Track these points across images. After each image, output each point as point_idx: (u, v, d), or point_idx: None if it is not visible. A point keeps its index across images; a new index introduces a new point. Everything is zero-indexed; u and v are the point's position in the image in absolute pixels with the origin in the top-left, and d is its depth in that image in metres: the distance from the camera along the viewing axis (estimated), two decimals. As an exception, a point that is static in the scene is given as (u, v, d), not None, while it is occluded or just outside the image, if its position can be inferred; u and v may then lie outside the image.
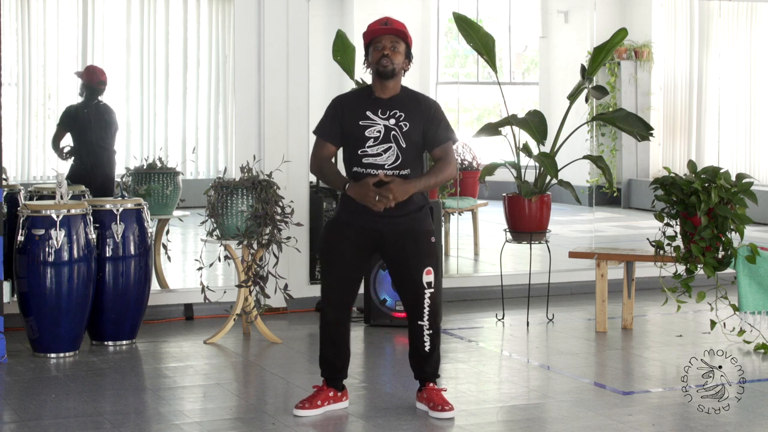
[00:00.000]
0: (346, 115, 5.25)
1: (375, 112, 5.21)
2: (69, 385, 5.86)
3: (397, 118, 5.20)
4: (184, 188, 8.38)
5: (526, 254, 7.90)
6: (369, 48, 5.24)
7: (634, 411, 5.39)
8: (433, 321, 5.22)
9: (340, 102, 5.35)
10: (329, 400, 5.31)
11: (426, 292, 5.19)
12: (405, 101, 5.25)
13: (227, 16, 10.70)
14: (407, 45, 5.24)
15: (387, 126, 5.20)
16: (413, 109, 5.23)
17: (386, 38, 5.19)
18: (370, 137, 5.19)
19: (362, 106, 5.24)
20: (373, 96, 5.25)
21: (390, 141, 5.18)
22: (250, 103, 7.88)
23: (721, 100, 12.04)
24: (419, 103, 5.27)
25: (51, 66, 10.12)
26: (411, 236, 5.22)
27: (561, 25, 12.04)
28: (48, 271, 6.40)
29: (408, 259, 5.21)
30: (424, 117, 5.24)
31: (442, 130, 5.28)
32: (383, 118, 5.20)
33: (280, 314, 7.76)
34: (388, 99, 5.24)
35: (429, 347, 5.24)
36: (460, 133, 10.82)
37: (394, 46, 5.20)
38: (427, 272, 5.19)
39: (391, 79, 5.20)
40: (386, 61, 5.17)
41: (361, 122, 5.21)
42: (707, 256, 6.76)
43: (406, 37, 5.23)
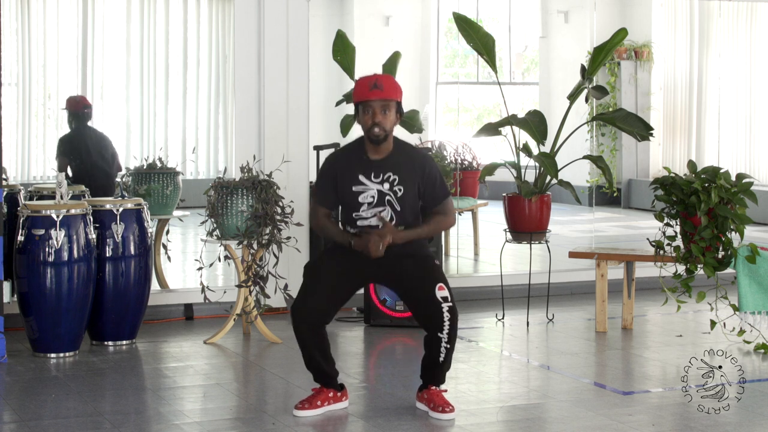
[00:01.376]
0: (339, 180, 5.23)
1: (368, 176, 5.19)
2: (69, 385, 5.86)
3: (390, 182, 5.18)
4: (184, 188, 8.38)
5: (526, 254, 7.90)
6: (358, 106, 5.20)
7: (634, 411, 5.39)
8: (451, 335, 5.17)
9: (333, 165, 5.29)
10: (329, 401, 5.31)
11: (444, 306, 5.12)
12: (398, 162, 5.20)
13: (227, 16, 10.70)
14: (398, 102, 5.19)
15: (381, 191, 5.18)
16: (407, 171, 5.20)
17: (376, 102, 5.13)
18: (363, 203, 5.19)
19: (355, 169, 5.21)
20: (365, 156, 5.22)
21: (384, 205, 5.19)
22: (250, 103, 7.88)
23: (721, 100, 12.04)
24: (412, 164, 5.22)
25: (51, 66, 10.12)
26: (415, 259, 5.23)
27: (561, 25, 12.04)
28: (48, 271, 6.40)
29: (417, 278, 5.19)
30: (418, 178, 5.21)
31: (438, 189, 5.27)
32: (376, 182, 5.19)
33: (280, 314, 7.76)
34: (381, 160, 5.20)
35: (443, 359, 5.23)
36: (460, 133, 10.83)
37: (384, 110, 5.14)
38: (440, 288, 5.14)
39: (383, 142, 5.18)
40: (378, 130, 5.13)
41: (354, 188, 5.19)
42: (707, 256, 6.76)
43: (396, 98, 5.17)
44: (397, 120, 5.22)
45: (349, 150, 5.34)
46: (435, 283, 5.15)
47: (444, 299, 5.13)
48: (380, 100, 5.14)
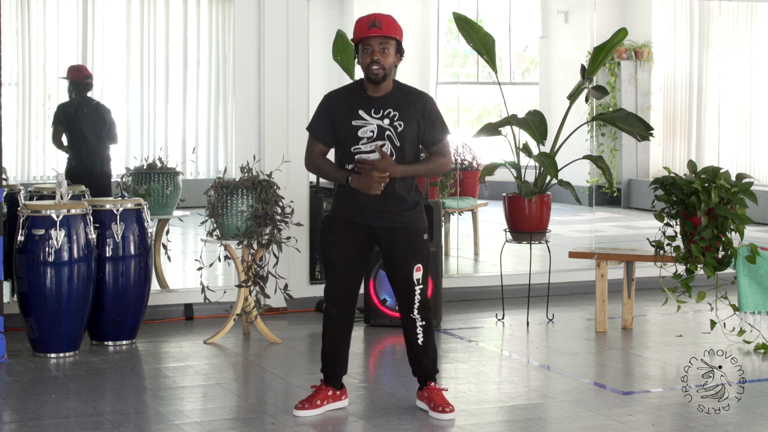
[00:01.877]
0: (338, 114, 5.21)
1: (368, 112, 5.17)
2: (69, 385, 5.86)
3: (390, 117, 5.17)
4: (184, 188, 8.38)
5: (526, 254, 7.90)
6: (358, 46, 5.18)
7: (634, 411, 5.39)
8: (424, 314, 5.23)
9: (331, 100, 5.28)
10: (328, 399, 5.31)
11: (416, 288, 5.20)
12: (398, 99, 5.20)
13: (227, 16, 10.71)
14: (397, 41, 5.18)
15: (381, 126, 5.16)
16: (407, 108, 5.19)
17: (374, 40, 5.12)
18: (363, 137, 5.17)
19: (354, 104, 5.19)
20: (365, 94, 5.21)
21: (384, 140, 5.16)
22: (250, 103, 7.88)
23: (721, 100, 12.04)
24: (413, 101, 5.22)
25: (51, 66, 10.13)
26: (403, 234, 5.22)
27: (561, 25, 12.04)
28: (48, 271, 6.40)
29: (399, 256, 5.21)
30: (418, 115, 5.20)
31: (438, 129, 5.27)
32: (376, 118, 5.17)
33: (280, 314, 7.76)
34: (381, 97, 5.19)
35: (422, 339, 5.24)
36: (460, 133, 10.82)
37: (383, 48, 5.12)
38: (416, 269, 5.20)
39: (383, 82, 5.18)
40: (376, 68, 5.11)
41: (354, 122, 5.17)
42: (707, 256, 6.76)
43: (395, 35, 5.15)
44: (397, 60, 5.20)
45: (348, 88, 5.33)
46: (414, 264, 5.19)
47: (417, 281, 5.19)
48: (379, 38, 5.11)
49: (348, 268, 5.25)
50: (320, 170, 5.33)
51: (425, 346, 5.26)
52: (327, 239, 5.30)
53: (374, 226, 5.21)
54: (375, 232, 5.23)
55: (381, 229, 5.22)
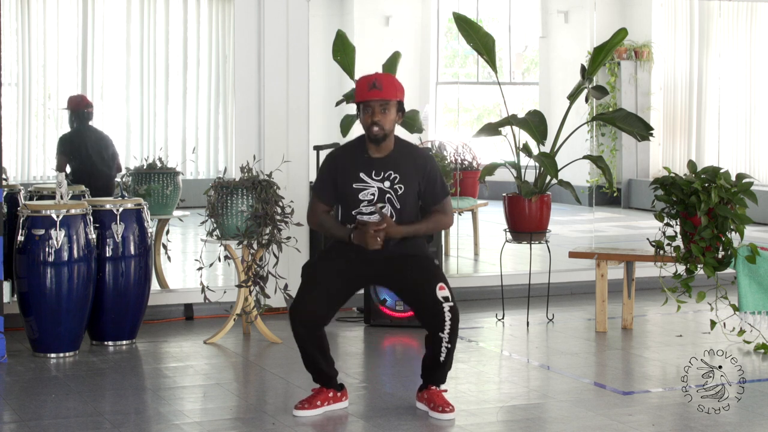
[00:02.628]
0: (340, 176, 5.23)
1: (369, 174, 5.19)
2: (69, 385, 5.86)
3: (391, 180, 5.18)
4: (184, 188, 8.38)
5: (526, 254, 7.90)
6: (359, 105, 5.20)
7: (634, 411, 5.39)
8: (452, 335, 5.15)
9: (334, 161, 5.29)
10: (329, 401, 5.31)
11: (444, 306, 5.10)
12: (399, 160, 5.21)
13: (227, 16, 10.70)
14: (398, 101, 5.19)
15: (381, 189, 5.18)
16: (408, 169, 5.20)
17: (375, 102, 5.13)
18: (364, 200, 5.19)
19: (356, 167, 5.20)
20: (366, 155, 5.22)
21: (384, 202, 5.19)
22: (250, 103, 7.88)
23: (721, 100, 12.04)
24: (413, 162, 5.23)
25: (51, 66, 10.12)
26: (414, 259, 5.22)
27: (561, 25, 12.04)
28: (48, 271, 6.40)
29: (417, 279, 5.17)
30: (418, 176, 5.22)
31: (439, 188, 5.28)
32: (377, 180, 5.18)
33: (280, 314, 7.76)
34: (382, 158, 5.20)
35: (443, 358, 5.21)
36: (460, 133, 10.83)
37: (384, 109, 5.13)
38: (440, 288, 5.12)
39: (383, 141, 5.18)
40: (377, 130, 5.12)
41: (355, 185, 5.19)
42: (707, 256, 6.76)
43: (395, 97, 5.16)
44: (398, 119, 5.22)
45: (351, 148, 5.34)
46: (435, 283, 5.13)
47: (445, 299, 5.11)
48: (379, 100, 5.14)
49: (329, 294, 5.16)
50: (323, 227, 5.34)
51: (445, 363, 5.23)
52: (320, 256, 5.29)
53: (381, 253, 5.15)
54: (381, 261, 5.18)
55: (386, 261, 5.18)
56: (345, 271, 5.22)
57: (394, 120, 5.18)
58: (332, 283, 5.18)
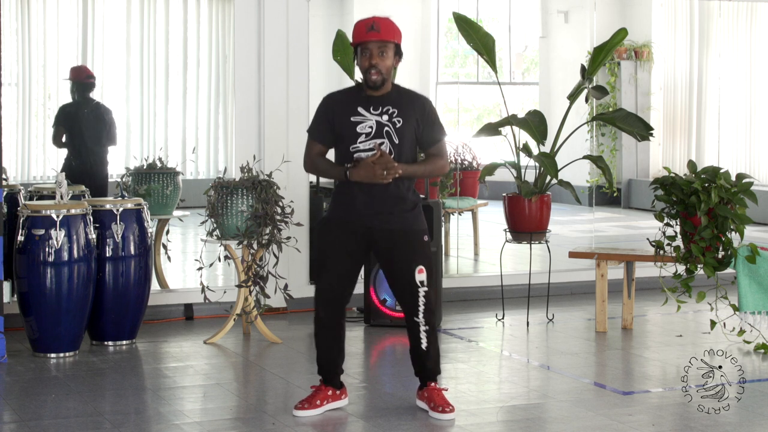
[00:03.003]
0: (337, 112, 5.21)
1: (367, 108, 5.18)
2: (69, 385, 5.86)
3: (389, 114, 5.17)
4: (184, 188, 8.38)
5: (526, 254, 7.90)
6: (357, 49, 5.19)
7: (634, 411, 5.39)
8: (428, 318, 5.20)
9: (330, 100, 5.30)
10: (328, 399, 5.31)
11: (420, 290, 5.17)
12: (397, 98, 5.21)
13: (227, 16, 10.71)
14: (396, 44, 5.19)
15: (379, 122, 5.17)
16: (406, 107, 5.20)
17: (373, 44, 5.12)
18: (361, 133, 5.17)
19: (353, 102, 5.20)
20: (364, 93, 5.22)
21: (383, 136, 5.16)
22: (250, 103, 7.88)
23: (721, 100, 12.04)
24: (412, 101, 5.23)
25: (51, 66, 10.13)
26: (402, 235, 5.21)
27: (561, 25, 12.04)
28: (48, 271, 6.40)
29: (400, 258, 5.20)
30: (417, 115, 5.21)
31: (436, 130, 5.27)
32: (375, 114, 5.17)
33: (280, 314, 7.76)
34: (379, 96, 5.20)
35: (426, 344, 5.23)
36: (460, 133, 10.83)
37: (381, 52, 5.13)
38: (419, 271, 5.17)
39: (381, 86, 5.18)
40: (374, 74, 5.12)
41: (353, 118, 5.17)
42: (707, 256, 6.76)
43: (393, 39, 5.16)
44: (396, 62, 5.21)
45: (348, 89, 5.37)
46: (416, 266, 5.16)
47: (421, 283, 5.16)
48: (377, 42, 5.12)
49: (342, 271, 5.24)
50: (318, 169, 5.34)
51: (429, 349, 5.25)
52: (323, 240, 5.30)
53: (372, 227, 5.20)
54: (372, 234, 5.22)
55: (379, 232, 5.20)
56: (349, 246, 5.23)
57: (392, 62, 5.17)
58: (342, 262, 5.22)
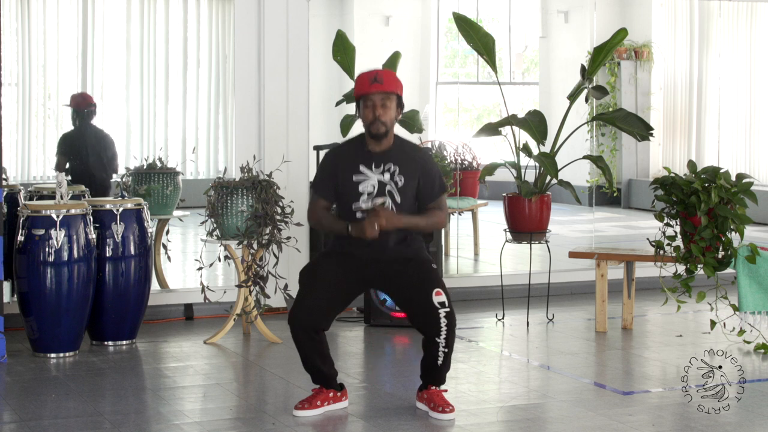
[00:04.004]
0: (340, 170, 5.24)
1: (368, 166, 5.20)
2: (69, 385, 5.86)
3: (391, 173, 5.19)
4: (184, 188, 8.38)
5: (526, 254, 7.90)
6: (359, 101, 5.21)
7: (634, 411, 5.39)
8: (449, 340, 5.14)
9: (334, 157, 5.32)
10: (329, 401, 5.31)
11: (441, 311, 5.10)
12: (398, 155, 5.22)
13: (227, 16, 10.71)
14: (398, 96, 5.21)
15: (381, 181, 5.19)
16: (407, 164, 5.21)
17: (376, 96, 5.14)
18: (363, 192, 5.19)
19: (355, 160, 5.22)
20: (366, 149, 5.23)
21: (384, 196, 5.19)
22: (250, 103, 7.88)
23: (721, 100, 12.04)
24: (413, 157, 5.25)
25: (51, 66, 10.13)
26: (413, 263, 5.21)
27: (561, 25, 12.04)
28: (48, 271, 6.40)
29: (414, 284, 5.17)
30: (418, 172, 5.23)
31: (437, 185, 5.29)
32: (377, 173, 5.20)
33: (280, 314, 7.76)
34: (381, 152, 5.21)
35: (441, 362, 5.21)
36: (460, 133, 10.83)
37: (384, 103, 5.15)
38: (437, 293, 5.12)
39: (384, 137, 5.19)
40: (378, 125, 5.14)
41: (355, 177, 5.20)
42: (707, 256, 6.76)
43: (396, 91, 5.18)
44: (398, 114, 5.24)
45: (350, 143, 5.37)
46: (432, 289, 5.13)
47: (441, 304, 5.12)
48: (380, 93, 5.15)
49: (327, 298, 5.16)
50: (322, 224, 5.33)
51: (443, 365, 5.22)
52: (319, 263, 5.27)
53: (378, 258, 5.17)
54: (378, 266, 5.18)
55: (385, 263, 5.18)
56: (344, 276, 5.21)
57: (394, 114, 5.20)
58: (331, 288, 5.18)
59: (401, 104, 5.25)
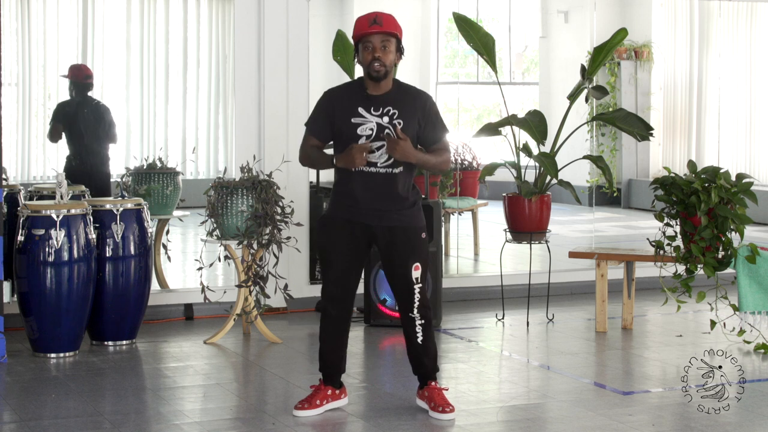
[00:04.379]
0: (337, 111, 5.19)
1: (367, 109, 5.16)
2: (69, 385, 5.86)
3: (390, 115, 5.16)
4: (184, 188, 8.38)
5: (526, 254, 7.90)
6: (358, 45, 5.18)
7: (634, 411, 5.39)
8: (423, 313, 5.22)
9: (330, 97, 5.27)
10: (328, 399, 5.31)
11: (415, 287, 5.19)
12: (398, 97, 5.19)
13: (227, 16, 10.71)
14: (398, 39, 5.18)
15: (380, 124, 5.15)
16: (407, 106, 5.18)
17: (375, 37, 5.11)
18: (362, 135, 5.16)
19: (354, 102, 5.18)
20: (365, 92, 5.20)
21: (383, 139, 5.16)
22: (250, 103, 7.88)
23: (721, 100, 12.04)
24: (413, 100, 5.22)
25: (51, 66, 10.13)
26: (401, 232, 5.21)
27: (561, 25, 12.04)
28: (48, 271, 6.40)
29: (398, 254, 5.21)
30: (418, 114, 5.20)
31: (438, 127, 5.27)
32: (376, 115, 5.16)
33: (280, 314, 7.76)
34: (380, 95, 5.18)
35: (421, 338, 5.23)
36: (460, 133, 10.83)
37: (384, 45, 5.12)
38: (415, 268, 5.19)
39: (383, 79, 5.18)
40: (378, 65, 5.10)
41: (353, 119, 5.16)
42: (707, 256, 6.76)
43: (396, 33, 5.16)
44: (397, 58, 5.20)
45: (349, 85, 5.35)
46: (412, 262, 5.18)
47: (416, 279, 5.18)
48: (380, 34, 5.11)
49: (346, 268, 5.25)
50: (309, 158, 5.32)
51: (425, 344, 5.25)
52: (324, 239, 5.30)
53: (372, 224, 5.21)
54: (373, 231, 5.23)
55: (379, 228, 5.21)
56: (349, 243, 5.23)
57: (393, 57, 5.16)
58: (345, 259, 5.23)
59: (401, 48, 5.20)
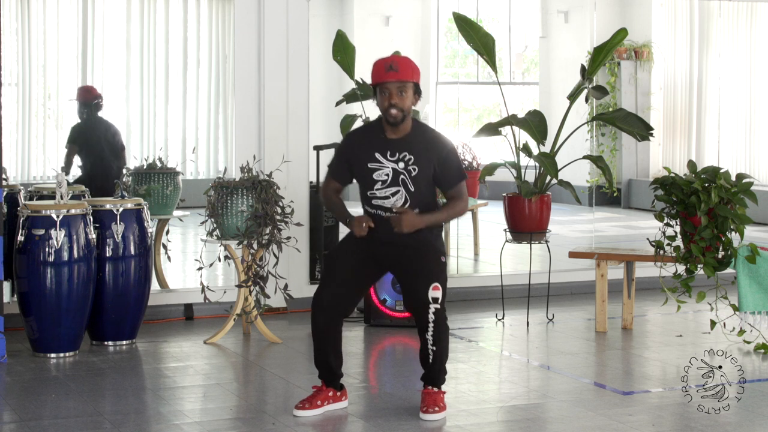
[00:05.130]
0: (355, 156, 5.24)
1: (384, 154, 5.18)
2: (69, 385, 5.86)
3: (406, 161, 5.17)
4: (184, 188, 8.38)
5: (526, 254, 7.90)
6: (375, 89, 5.19)
7: (634, 411, 5.39)
8: (437, 338, 5.15)
9: (350, 142, 5.34)
10: (329, 400, 5.31)
11: (431, 306, 5.13)
12: (415, 143, 5.19)
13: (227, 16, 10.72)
14: (415, 84, 5.19)
15: (395, 169, 5.17)
16: (423, 152, 5.18)
17: (392, 84, 5.13)
18: (378, 180, 5.18)
19: (371, 147, 5.20)
20: (382, 136, 5.21)
21: (398, 185, 5.17)
22: (250, 103, 7.89)
23: (721, 100, 12.04)
24: (430, 146, 5.21)
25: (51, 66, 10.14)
26: (423, 252, 5.21)
27: (561, 25, 12.04)
28: (48, 271, 6.40)
29: (417, 273, 5.18)
30: (434, 160, 5.20)
31: (454, 174, 5.27)
32: (392, 161, 5.17)
33: (280, 314, 7.76)
34: (398, 139, 5.19)
35: (432, 360, 5.22)
36: (460, 133, 10.83)
37: (401, 91, 5.13)
38: (434, 288, 5.14)
39: (401, 124, 5.18)
40: (395, 112, 5.11)
41: (370, 165, 5.19)
42: (707, 256, 6.76)
43: (412, 79, 5.16)
44: (415, 101, 5.21)
45: (368, 128, 5.37)
46: (430, 282, 5.15)
47: (434, 300, 5.14)
48: (396, 82, 5.13)
49: (346, 279, 5.22)
50: (330, 205, 5.40)
51: (434, 366, 5.22)
52: (338, 246, 5.34)
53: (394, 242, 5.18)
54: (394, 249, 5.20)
55: (400, 247, 5.19)
56: (362, 259, 5.24)
57: (411, 101, 5.18)
58: (350, 272, 5.23)
59: (419, 91, 5.22)
